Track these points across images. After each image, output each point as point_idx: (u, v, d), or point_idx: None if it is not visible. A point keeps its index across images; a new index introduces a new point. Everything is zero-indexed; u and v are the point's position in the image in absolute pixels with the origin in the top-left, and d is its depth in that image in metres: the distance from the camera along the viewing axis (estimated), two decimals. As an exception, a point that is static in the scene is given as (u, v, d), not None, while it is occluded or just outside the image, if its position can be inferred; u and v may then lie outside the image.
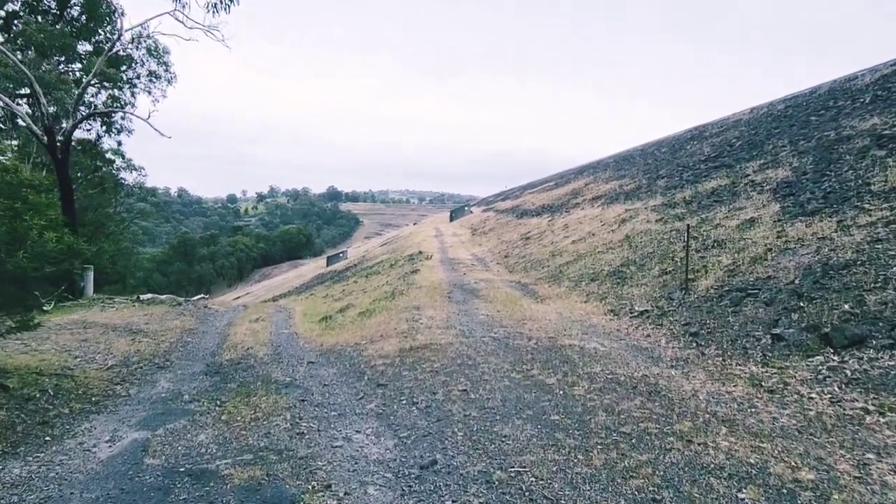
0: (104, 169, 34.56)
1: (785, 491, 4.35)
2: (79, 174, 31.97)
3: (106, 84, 30.11)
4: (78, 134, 31.25)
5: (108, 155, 36.00)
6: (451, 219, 64.12)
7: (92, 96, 30.00)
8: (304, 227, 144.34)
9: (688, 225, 11.34)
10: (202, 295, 28.96)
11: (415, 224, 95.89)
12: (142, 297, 22.62)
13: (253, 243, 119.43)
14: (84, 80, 23.79)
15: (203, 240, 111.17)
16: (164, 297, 24.50)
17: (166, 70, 31.19)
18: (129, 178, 38.30)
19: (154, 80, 30.88)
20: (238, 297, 67.20)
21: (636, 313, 10.70)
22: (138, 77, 30.81)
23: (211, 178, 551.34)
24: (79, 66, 27.46)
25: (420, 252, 32.19)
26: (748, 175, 18.92)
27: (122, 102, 30.79)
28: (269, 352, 10.61)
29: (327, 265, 62.64)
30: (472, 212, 64.54)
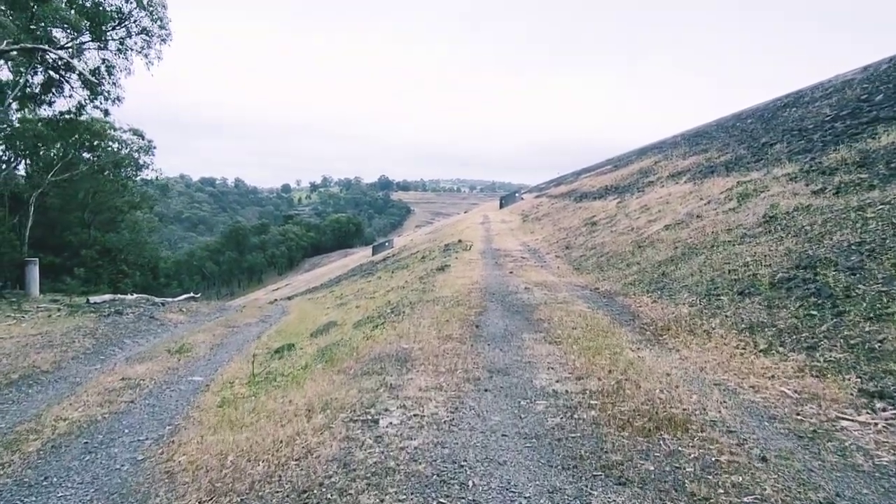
0: (101, 146, 28.99)
1: None
2: (64, 150, 26.47)
3: (91, 45, 24.45)
4: (59, 105, 25.88)
5: (114, 132, 30.53)
6: (501, 206, 57.21)
7: (74, 58, 24.36)
8: (354, 217, 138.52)
9: None
10: (190, 294, 22.97)
11: (465, 212, 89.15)
12: (93, 299, 16.69)
13: (303, 232, 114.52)
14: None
15: (254, 229, 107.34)
16: (131, 298, 18.57)
17: (161, 27, 25.15)
18: (137, 158, 32.79)
19: (147, 37, 24.98)
20: (277, 289, 62.19)
21: None
22: (129, 35, 24.98)
23: (267, 169, 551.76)
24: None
25: (459, 241, 25.32)
26: (964, 121, 11.33)
27: (112, 67, 25.01)
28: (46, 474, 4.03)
29: (372, 254, 56.93)
30: (522, 198, 57.35)
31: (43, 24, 21.06)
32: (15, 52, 21.37)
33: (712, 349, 6.15)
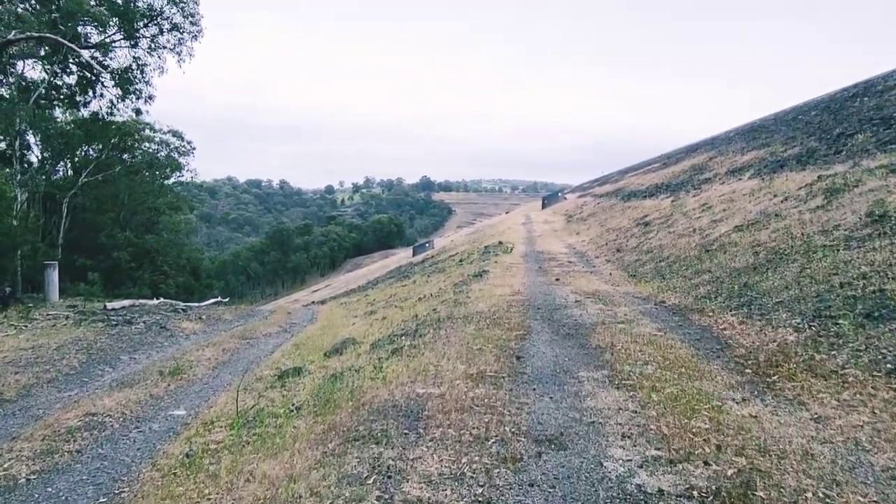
0: (136, 146, 28.39)
1: None
2: (99, 151, 25.89)
3: (123, 43, 23.77)
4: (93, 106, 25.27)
5: (153, 132, 29.98)
6: (544, 206, 54.99)
7: (107, 57, 23.67)
8: (395, 217, 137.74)
9: None
10: (217, 299, 21.87)
11: (507, 212, 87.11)
12: (110, 305, 15.65)
13: (345, 233, 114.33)
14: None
15: (298, 230, 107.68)
16: (152, 303, 17.50)
17: (192, 23, 24.28)
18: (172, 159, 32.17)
19: (179, 34, 24.15)
20: (317, 290, 61.58)
21: None
22: (161, 32, 24.18)
23: (311, 171, 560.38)
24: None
25: (500, 243, 23.53)
26: None
27: (144, 66, 24.23)
28: None
29: (413, 255, 55.59)
30: (566, 198, 55.04)
31: (70, 22, 20.32)
32: (43, 49, 20.72)
33: (856, 403, 4.25)
